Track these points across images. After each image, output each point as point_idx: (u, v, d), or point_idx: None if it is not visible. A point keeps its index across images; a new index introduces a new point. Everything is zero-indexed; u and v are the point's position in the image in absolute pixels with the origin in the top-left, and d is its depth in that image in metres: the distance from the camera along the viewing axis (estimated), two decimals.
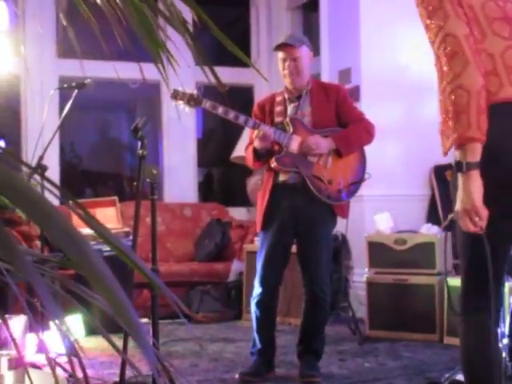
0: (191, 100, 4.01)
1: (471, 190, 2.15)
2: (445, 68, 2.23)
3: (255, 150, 4.09)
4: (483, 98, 2.18)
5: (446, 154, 2.35)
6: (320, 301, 4.12)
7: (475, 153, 2.17)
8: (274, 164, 4.07)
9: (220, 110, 3.98)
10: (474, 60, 2.19)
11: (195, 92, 4.03)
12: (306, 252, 4.15)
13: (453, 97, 2.22)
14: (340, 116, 4.18)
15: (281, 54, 4.14)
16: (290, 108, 4.19)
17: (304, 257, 4.16)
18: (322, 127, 4.13)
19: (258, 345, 4.15)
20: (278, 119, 4.17)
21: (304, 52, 4.14)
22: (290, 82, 4.15)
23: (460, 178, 2.19)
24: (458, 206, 2.19)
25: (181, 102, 4.01)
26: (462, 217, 2.17)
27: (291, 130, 4.09)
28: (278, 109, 4.20)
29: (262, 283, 4.10)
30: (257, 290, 4.13)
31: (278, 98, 4.23)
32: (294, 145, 4.07)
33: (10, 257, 0.59)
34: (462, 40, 2.21)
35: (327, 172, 4.10)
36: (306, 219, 4.10)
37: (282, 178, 4.12)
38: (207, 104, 4.00)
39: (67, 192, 0.73)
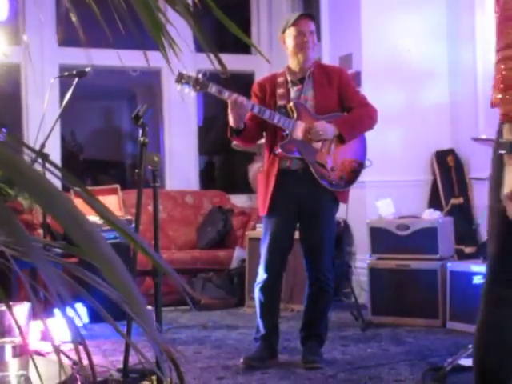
0: (197, 84, 3.93)
1: None
2: (497, 31, 1.98)
3: (231, 128, 4.04)
4: None
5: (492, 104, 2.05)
6: (323, 286, 4.13)
7: None
8: (278, 151, 4.05)
9: (226, 95, 3.92)
10: None
11: (200, 76, 3.93)
12: (309, 238, 4.14)
13: (502, 66, 1.97)
14: (343, 100, 4.15)
15: (298, 28, 4.06)
16: (293, 91, 4.15)
17: (307, 243, 4.16)
18: (324, 111, 4.10)
19: (262, 330, 4.16)
20: (280, 102, 4.11)
21: (315, 28, 4.15)
22: (304, 57, 4.07)
23: (506, 159, 1.99)
24: (504, 190, 1.99)
25: (186, 86, 3.95)
26: (506, 202, 1.99)
27: (295, 115, 4.06)
28: (281, 91, 4.14)
29: (267, 269, 4.09)
30: (261, 275, 4.12)
31: (280, 80, 4.17)
32: (299, 131, 4.03)
33: (18, 242, 0.59)
34: None
35: (330, 159, 4.08)
36: (309, 205, 4.09)
37: (284, 164, 4.09)
38: (213, 88, 3.92)
39: (72, 177, 0.73)
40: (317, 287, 4.14)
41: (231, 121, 4.01)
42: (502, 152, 2.00)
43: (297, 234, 4.23)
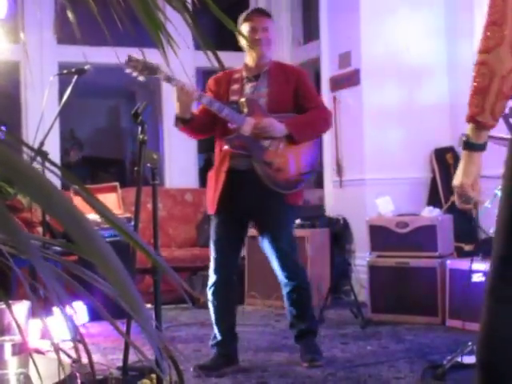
0: (145, 69, 3.69)
1: (465, 171, 2.09)
2: (482, 32, 2.02)
3: (177, 117, 3.88)
4: (509, 83, 2.01)
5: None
6: (297, 283, 4.04)
7: (482, 136, 2.07)
8: (225, 147, 3.93)
9: (174, 83, 3.75)
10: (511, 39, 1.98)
11: (152, 62, 3.67)
12: (265, 241, 4.03)
13: (476, 70, 2.05)
14: (298, 100, 4.02)
15: (251, 24, 3.98)
16: (248, 87, 4.04)
17: (265, 246, 4.05)
18: (277, 110, 3.97)
19: (218, 336, 4.03)
20: (233, 97, 4.00)
21: (272, 25, 4.08)
22: (257, 53, 3.99)
23: (462, 153, 2.12)
24: (453, 181, 2.13)
25: (133, 71, 3.70)
26: (455, 193, 2.13)
27: (246, 111, 3.93)
28: (235, 87, 4.03)
29: (217, 271, 3.98)
30: (211, 278, 4.00)
31: (236, 76, 4.07)
32: (247, 127, 3.89)
33: (14, 240, 0.59)
34: (510, 11, 1.97)
35: (278, 159, 3.95)
36: (258, 208, 3.97)
37: (233, 163, 3.95)
38: (162, 75, 3.73)
39: (71, 175, 0.73)
40: (291, 287, 4.05)
41: (176, 109, 3.85)
42: None
43: None
